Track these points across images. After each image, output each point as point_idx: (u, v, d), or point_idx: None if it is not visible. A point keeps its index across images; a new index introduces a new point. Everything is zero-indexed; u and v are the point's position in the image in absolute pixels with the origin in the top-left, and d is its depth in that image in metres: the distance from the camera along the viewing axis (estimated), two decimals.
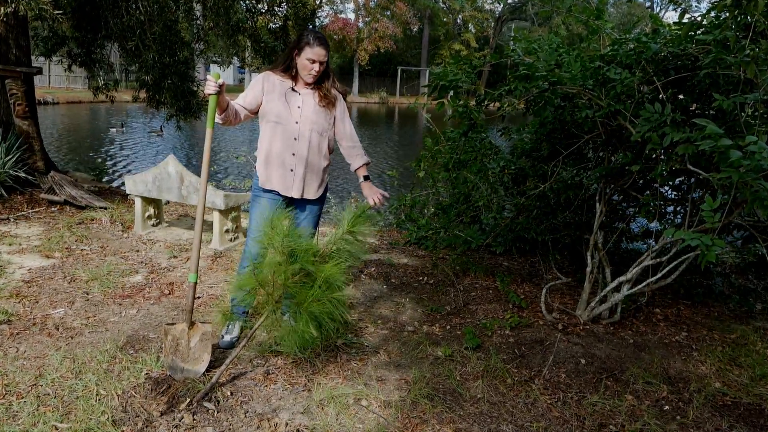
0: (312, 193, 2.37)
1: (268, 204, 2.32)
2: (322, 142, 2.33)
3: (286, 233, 2.05)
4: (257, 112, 2.31)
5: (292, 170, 2.29)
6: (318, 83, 2.30)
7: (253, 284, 2.00)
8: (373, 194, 2.32)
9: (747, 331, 2.86)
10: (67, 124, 13.71)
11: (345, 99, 2.42)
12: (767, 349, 2.66)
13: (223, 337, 2.41)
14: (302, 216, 2.41)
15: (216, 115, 2.13)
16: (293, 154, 2.28)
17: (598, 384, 2.28)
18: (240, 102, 2.26)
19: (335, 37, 26.70)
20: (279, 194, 2.34)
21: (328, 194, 2.53)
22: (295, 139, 2.27)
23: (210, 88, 2.03)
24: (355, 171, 2.43)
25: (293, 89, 2.28)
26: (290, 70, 2.27)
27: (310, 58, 2.20)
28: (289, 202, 2.37)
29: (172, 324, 2.20)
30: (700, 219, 2.41)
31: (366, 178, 2.39)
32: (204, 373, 2.12)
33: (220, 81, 2.05)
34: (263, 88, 2.28)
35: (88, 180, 6.04)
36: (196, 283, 2.19)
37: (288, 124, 2.26)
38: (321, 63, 2.22)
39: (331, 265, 2.04)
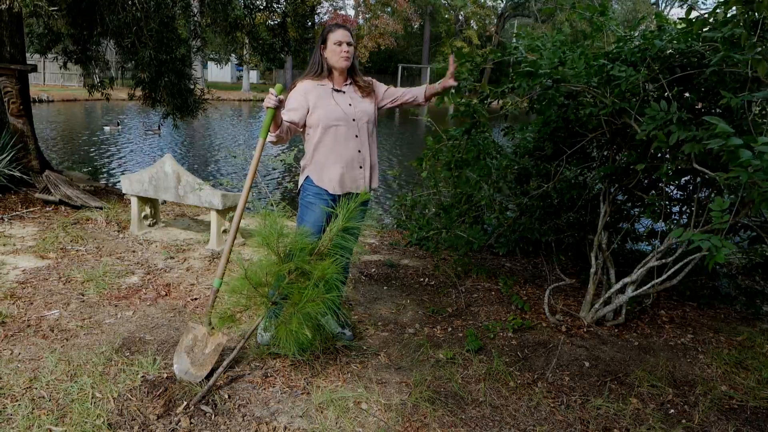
0: (376, 182, 2.44)
1: (323, 213, 2.31)
2: (374, 131, 2.40)
3: (281, 232, 2.01)
4: (304, 125, 2.30)
5: (361, 167, 2.33)
6: (348, 73, 2.35)
7: (246, 288, 1.97)
8: (448, 77, 2.45)
9: (754, 334, 2.83)
10: (62, 123, 13.64)
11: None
12: None
13: (263, 335, 2.41)
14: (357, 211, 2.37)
15: (270, 132, 2.13)
16: (359, 152, 2.31)
17: (602, 387, 2.25)
18: (285, 118, 2.22)
19: None
20: (343, 195, 2.32)
21: None
22: (356, 136, 2.30)
23: (270, 101, 2.03)
24: (429, 93, 2.53)
25: (336, 90, 2.30)
26: (323, 69, 2.30)
27: (336, 41, 2.25)
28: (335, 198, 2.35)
29: (198, 324, 2.20)
30: (707, 219, 2.37)
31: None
32: (202, 380, 2.08)
33: (281, 96, 2.05)
34: (307, 99, 2.27)
35: (83, 179, 5.99)
36: (218, 289, 2.18)
37: (347, 123, 2.28)
38: (348, 43, 2.26)
39: (327, 262, 2.01)
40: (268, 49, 6.32)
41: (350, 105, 2.30)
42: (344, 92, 2.32)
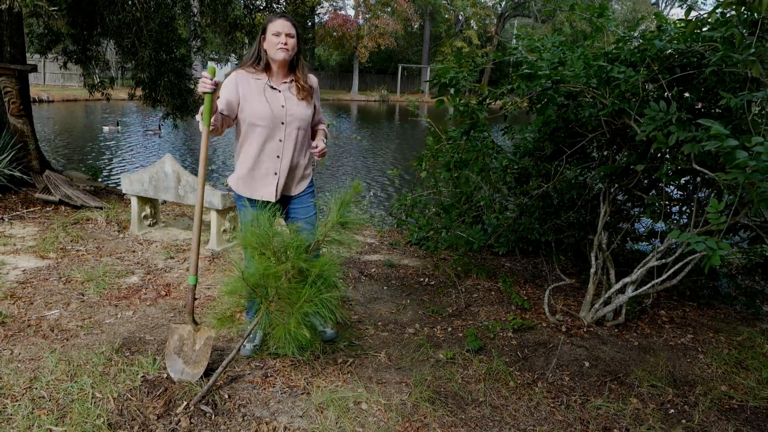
0: (299, 189, 2.29)
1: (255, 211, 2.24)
2: (306, 138, 2.25)
3: (276, 231, 2.01)
4: (236, 117, 2.16)
5: (276, 173, 2.19)
6: (291, 70, 2.18)
7: (243, 289, 1.96)
8: (318, 143, 2.22)
9: (754, 334, 2.83)
10: (62, 123, 13.64)
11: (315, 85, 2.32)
12: None
13: (245, 345, 2.32)
14: (295, 208, 2.31)
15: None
16: (278, 157, 2.17)
17: (602, 387, 2.25)
18: (219, 108, 2.10)
19: (335, 33, 26.62)
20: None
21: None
22: (280, 140, 2.15)
23: (206, 86, 1.93)
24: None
25: (271, 87, 2.15)
26: (260, 61, 2.14)
27: (274, 32, 2.08)
28: (284, 201, 2.30)
29: (180, 323, 2.18)
30: (706, 219, 2.37)
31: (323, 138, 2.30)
32: (200, 377, 2.08)
33: (216, 79, 1.95)
34: (238, 90, 2.12)
35: (83, 179, 5.99)
36: (195, 285, 2.16)
37: (274, 126, 2.13)
38: (288, 35, 2.09)
39: (324, 260, 2.00)
40: None
41: (282, 107, 2.14)
42: (279, 91, 2.15)
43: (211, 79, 1.94)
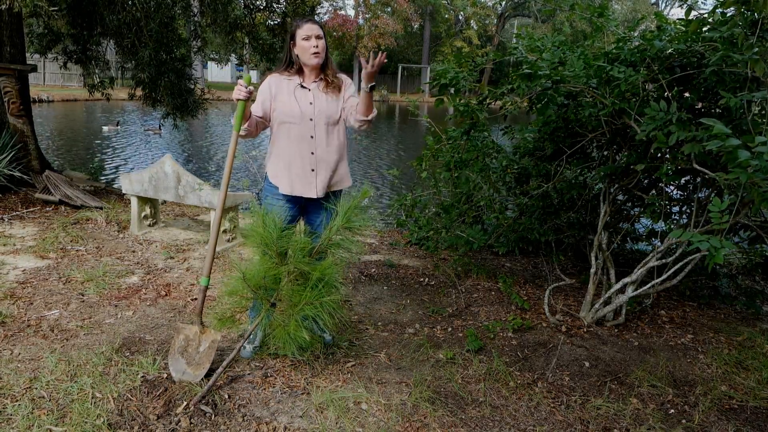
0: (338, 187, 2.32)
1: (284, 210, 2.26)
2: (339, 135, 2.27)
3: (280, 233, 2.01)
4: (270, 119, 2.25)
5: (313, 170, 2.22)
6: (322, 69, 2.23)
7: (244, 290, 1.96)
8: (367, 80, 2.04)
9: (754, 334, 2.83)
10: (62, 123, 13.64)
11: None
12: None
13: (245, 347, 2.32)
14: (317, 211, 2.32)
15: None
16: (312, 153, 2.21)
17: (602, 387, 2.25)
18: (252, 111, 2.20)
19: (335, 33, 26.61)
20: (299, 197, 2.26)
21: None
22: (311, 137, 2.20)
23: (240, 93, 2.00)
24: (361, 107, 2.16)
25: (302, 86, 2.21)
26: (292, 65, 2.22)
27: (304, 36, 2.14)
28: (306, 203, 2.30)
29: (187, 324, 2.19)
30: (706, 219, 2.38)
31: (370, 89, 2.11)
32: (201, 379, 2.08)
33: (251, 88, 2.01)
34: (271, 92, 2.21)
35: (83, 179, 6.00)
36: (207, 287, 2.16)
37: (303, 122, 2.18)
38: (317, 37, 2.15)
39: (327, 263, 2.00)
40: (268, 49, 6.32)
41: (311, 104, 2.19)
42: (309, 89, 2.21)
43: (246, 87, 2.00)
